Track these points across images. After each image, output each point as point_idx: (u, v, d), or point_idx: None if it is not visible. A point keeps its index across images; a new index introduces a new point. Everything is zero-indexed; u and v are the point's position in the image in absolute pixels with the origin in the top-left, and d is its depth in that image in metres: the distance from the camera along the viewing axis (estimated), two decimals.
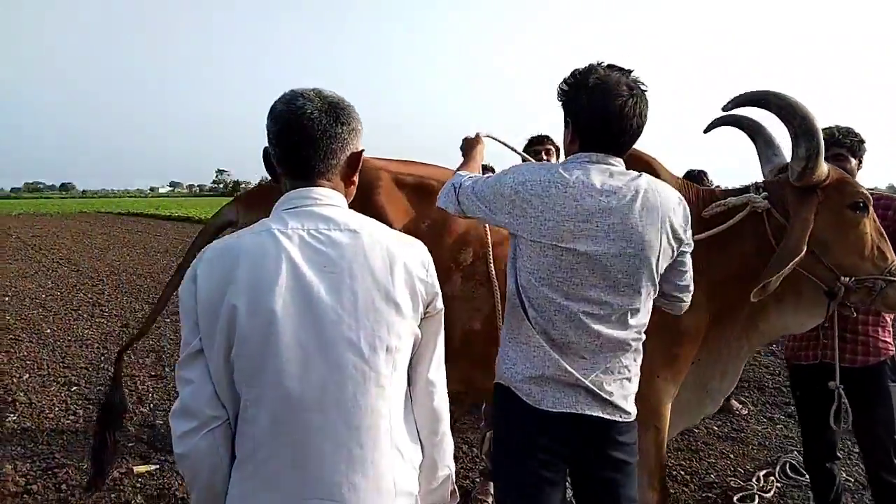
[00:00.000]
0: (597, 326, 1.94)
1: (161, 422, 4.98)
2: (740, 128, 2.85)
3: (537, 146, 3.92)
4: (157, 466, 4.22)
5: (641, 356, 2.06)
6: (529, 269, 1.95)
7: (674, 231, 1.98)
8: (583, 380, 1.95)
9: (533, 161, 2.61)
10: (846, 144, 3.01)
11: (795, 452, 4.47)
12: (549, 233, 1.92)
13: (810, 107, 2.41)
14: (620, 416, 1.99)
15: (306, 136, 1.46)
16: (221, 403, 1.39)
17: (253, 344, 1.34)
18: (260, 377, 1.35)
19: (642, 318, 2.02)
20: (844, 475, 3.84)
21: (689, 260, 2.11)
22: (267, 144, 1.53)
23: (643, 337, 2.04)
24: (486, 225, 2.62)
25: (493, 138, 2.66)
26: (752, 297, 2.39)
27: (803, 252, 2.37)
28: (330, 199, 1.49)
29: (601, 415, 1.97)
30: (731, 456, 4.53)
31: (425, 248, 1.56)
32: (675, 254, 2.03)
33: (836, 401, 2.85)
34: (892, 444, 3.08)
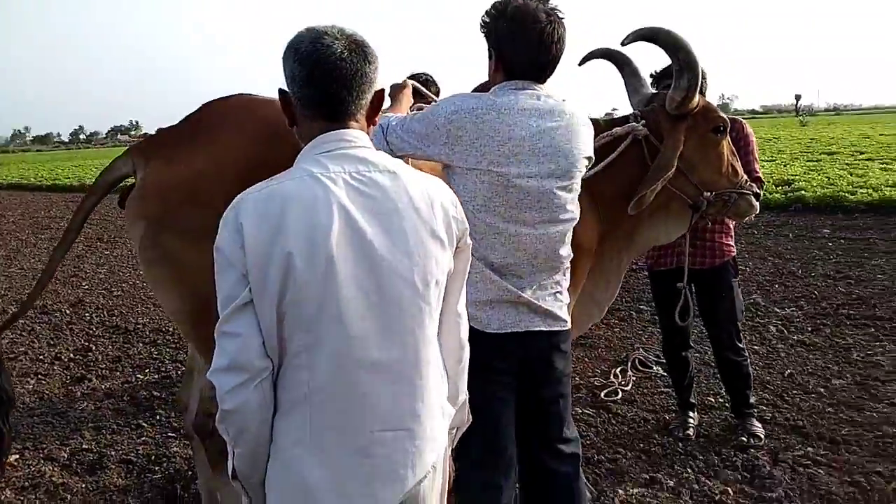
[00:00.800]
0: (536, 246, 2.10)
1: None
2: (611, 60, 3.11)
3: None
4: (17, 456, 3.86)
5: (569, 266, 2.26)
6: (466, 198, 2.01)
7: (588, 151, 2.16)
8: (524, 296, 2.11)
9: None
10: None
11: (640, 349, 5.05)
12: (485, 158, 2.01)
13: (693, 43, 2.70)
14: (560, 326, 2.19)
15: (340, 76, 1.43)
16: (267, 354, 1.37)
17: (312, 289, 1.34)
18: (320, 321, 1.36)
19: (570, 236, 2.20)
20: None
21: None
22: (286, 86, 1.49)
23: (572, 254, 2.23)
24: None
25: (417, 85, 2.73)
26: (630, 210, 2.72)
27: (674, 168, 2.71)
28: (362, 141, 1.49)
29: (543, 328, 2.16)
30: (587, 360, 5.03)
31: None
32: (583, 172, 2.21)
33: (681, 299, 3.32)
34: (735, 330, 3.64)
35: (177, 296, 2.51)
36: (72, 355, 5.58)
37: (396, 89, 2.57)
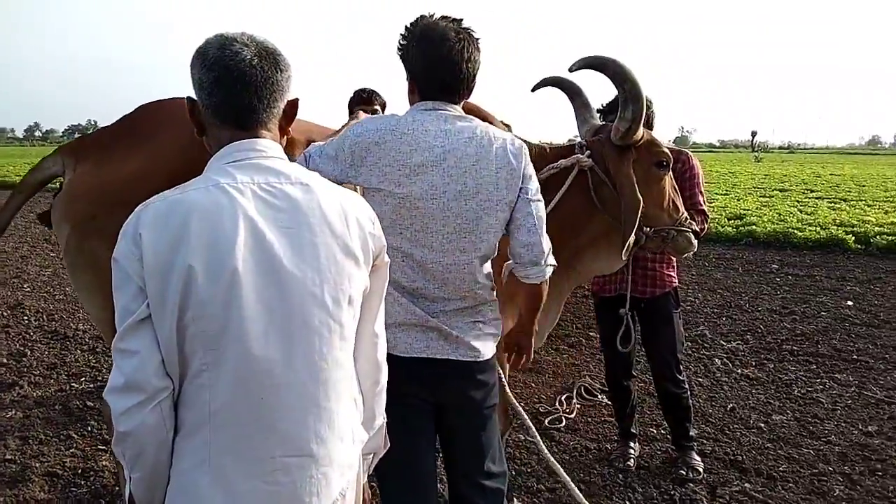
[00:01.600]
0: (444, 274, 2.04)
1: None
2: (562, 89, 3.12)
3: (364, 106, 3.87)
4: None
5: (496, 299, 2.19)
6: None
7: (510, 174, 2.05)
8: (432, 321, 2.04)
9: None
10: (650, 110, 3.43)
11: (587, 377, 5.05)
12: (387, 179, 1.98)
13: (638, 74, 2.71)
14: (475, 356, 2.10)
15: (248, 84, 1.39)
16: (167, 373, 1.30)
17: (214, 305, 1.28)
18: (221, 339, 1.29)
19: (486, 264, 2.12)
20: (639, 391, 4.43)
21: (533, 212, 2.11)
22: (193, 94, 1.45)
23: (491, 283, 2.16)
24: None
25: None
26: (623, 255, 2.74)
27: (641, 201, 2.71)
28: (274, 151, 1.44)
29: (455, 356, 2.08)
30: (533, 385, 5.01)
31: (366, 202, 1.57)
32: (517, 201, 2.08)
33: (623, 325, 3.34)
34: (675, 361, 3.66)
35: (100, 303, 2.43)
36: (5, 360, 5.36)
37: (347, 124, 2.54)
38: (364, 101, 3.84)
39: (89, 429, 4.15)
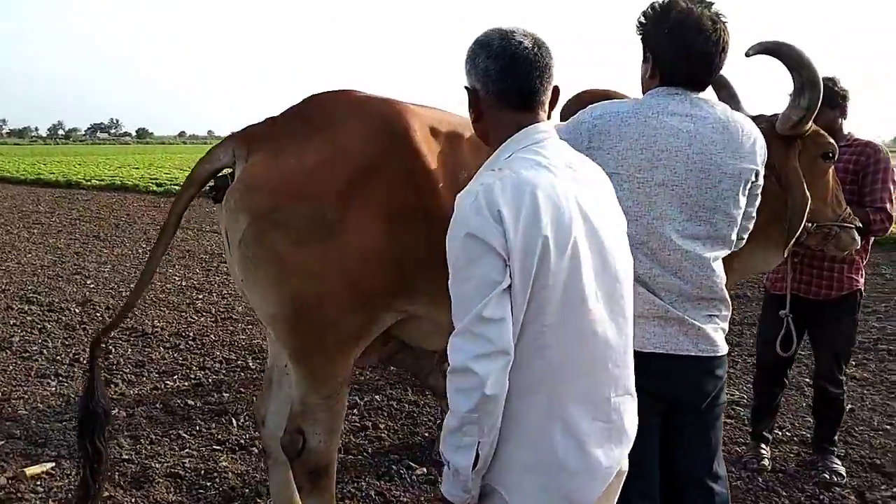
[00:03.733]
0: (680, 262, 1.94)
1: (25, 412, 4.24)
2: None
3: None
4: (52, 464, 3.60)
5: (727, 296, 2.08)
6: None
7: (752, 164, 1.98)
8: (672, 310, 1.95)
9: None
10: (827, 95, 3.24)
11: None
12: (625, 163, 1.89)
13: (815, 60, 2.56)
14: (712, 351, 2.01)
15: (532, 69, 1.53)
16: None
17: (562, 273, 1.42)
18: (566, 303, 1.44)
19: (724, 249, 2.02)
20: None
21: (754, 208, 2.10)
22: (474, 83, 1.57)
23: (724, 277, 2.05)
24: None
25: None
26: (784, 252, 2.58)
27: (809, 200, 2.55)
28: (555, 133, 1.59)
29: (693, 352, 1.98)
30: None
31: None
32: (752, 187, 2.02)
33: (783, 328, 3.17)
34: (839, 363, 3.49)
35: (276, 299, 2.32)
36: None
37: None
38: None
39: (198, 428, 4.06)
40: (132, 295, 2.52)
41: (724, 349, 2.05)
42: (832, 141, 2.78)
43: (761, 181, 2.05)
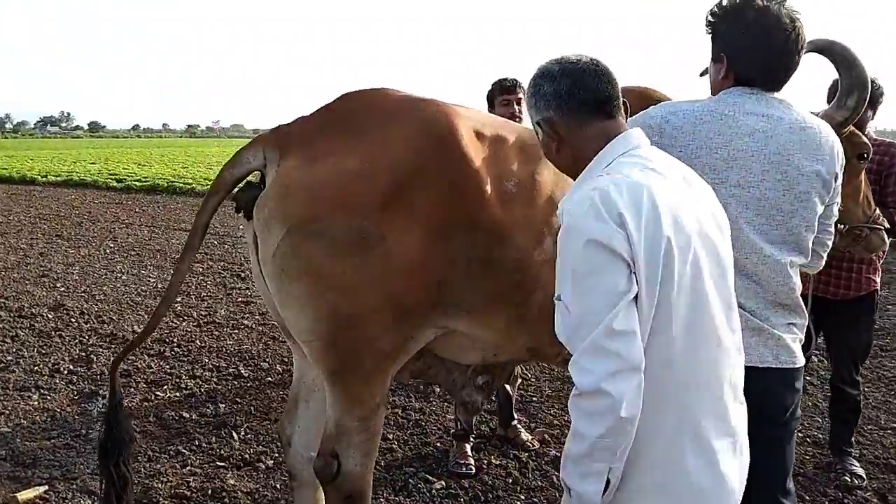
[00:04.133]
0: (756, 268, 1.86)
1: (8, 429, 3.99)
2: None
3: (507, 95, 3.56)
4: (46, 487, 3.38)
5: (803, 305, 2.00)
6: None
7: (830, 167, 1.90)
8: (753, 319, 1.87)
9: None
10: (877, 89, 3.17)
11: None
12: (698, 162, 1.81)
13: (865, 60, 2.50)
14: (792, 362, 1.93)
15: (601, 75, 1.53)
16: None
17: (686, 277, 1.37)
18: (693, 311, 1.38)
19: (800, 256, 1.94)
20: None
21: (834, 213, 2.02)
22: (544, 113, 1.56)
23: (800, 286, 1.97)
24: None
25: None
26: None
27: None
28: (648, 140, 1.58)
29: (772, 365, 1.90)
30: None
31: None
32: (828, 199, 1.95)
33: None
34: (856, 364, 3.48)
35: (312, 313, 2.17)
36: (71, 367, 5.03)
37: None
38: (506, 90, 3.55)
39: (197, 443, 3.87)
40: (155, 315, 2.35)
41: (802, 360, 1.98)
42: (867, 141, 2.75)
43: (839, 186, 1.97)
